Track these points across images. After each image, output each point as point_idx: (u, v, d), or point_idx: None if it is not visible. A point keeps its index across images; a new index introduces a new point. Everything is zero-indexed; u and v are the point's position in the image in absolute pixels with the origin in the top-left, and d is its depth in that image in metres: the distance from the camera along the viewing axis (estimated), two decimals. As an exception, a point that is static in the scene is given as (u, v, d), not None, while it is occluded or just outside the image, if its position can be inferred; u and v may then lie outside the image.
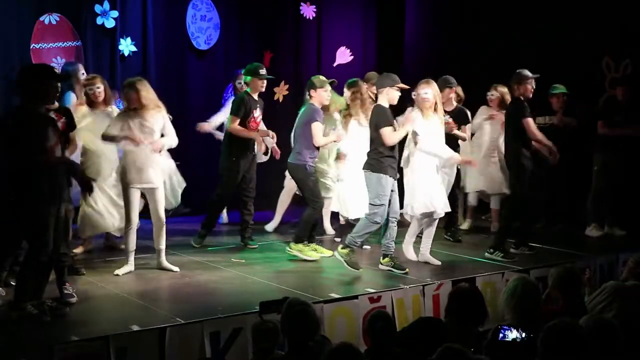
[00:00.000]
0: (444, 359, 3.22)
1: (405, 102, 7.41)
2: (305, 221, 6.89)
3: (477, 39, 9.56)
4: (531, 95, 7.00)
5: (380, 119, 6.34)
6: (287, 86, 9.94)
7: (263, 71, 7.27)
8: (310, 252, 6.87)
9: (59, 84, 5.15)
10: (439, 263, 6.70)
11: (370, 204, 6.39)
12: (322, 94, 6.85)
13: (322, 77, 6.97)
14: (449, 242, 7.65)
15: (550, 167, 7.58)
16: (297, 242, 6.88)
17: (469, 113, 7.74)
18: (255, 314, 4.77)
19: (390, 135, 6.28)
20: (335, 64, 10.41)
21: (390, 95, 6.41)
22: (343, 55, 10.50)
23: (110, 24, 8.67)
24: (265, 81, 7.30)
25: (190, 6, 9.36)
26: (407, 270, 6.37)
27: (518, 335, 3.80)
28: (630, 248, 6.73)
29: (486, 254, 6.93)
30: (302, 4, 10.26)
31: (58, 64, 8.33)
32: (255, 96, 7.29)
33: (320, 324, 4.03)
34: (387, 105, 6.43)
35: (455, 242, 7.67)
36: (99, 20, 8.62)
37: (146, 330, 4.69)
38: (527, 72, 7.00)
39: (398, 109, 7.04)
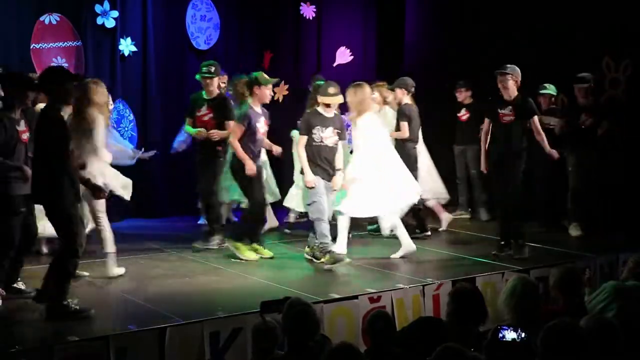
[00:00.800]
0: (442, 358, 3.22)
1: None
2: (243, 219, 6.99)
3: (477, 39, 9.55)
4: (500, 92, 6.99)
5: (300, 124, 6.82)
6: (287, 86, 9.93)
7: (205, 69, 7.16)
8: (248, 252, 6.82)
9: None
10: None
11: (306, 204, 6.73)
12: (265, 92, 6.82)
13: (266, 75, 6.90)
14: (451, 241, 7.66)
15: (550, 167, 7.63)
16: (235, 240, 6.86)
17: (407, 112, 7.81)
18: (255, 314, 4.77)
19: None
20: (335, 64, 10.41)
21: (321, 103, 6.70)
22: (343, 55, 10.51)
23: (110, 24, 8.67)
24: (209, 79, 7.08)
25: (190, 6, 9.37)
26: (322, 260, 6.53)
27: (518, 335, 3.80)
28: (630, 248, 6.72)
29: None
30: (302, 4, 10.26)
31: (58, 64, 8.34)
32: (210, 95, 7.17)
33: (320, 324, 4.03)
34: (320, 110, 6.67)
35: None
36: (99, 20, 8.62)
37: (146, 330, 4.69)
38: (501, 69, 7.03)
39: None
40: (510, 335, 3.78)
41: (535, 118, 7.06)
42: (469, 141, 8.80)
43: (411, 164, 7.56)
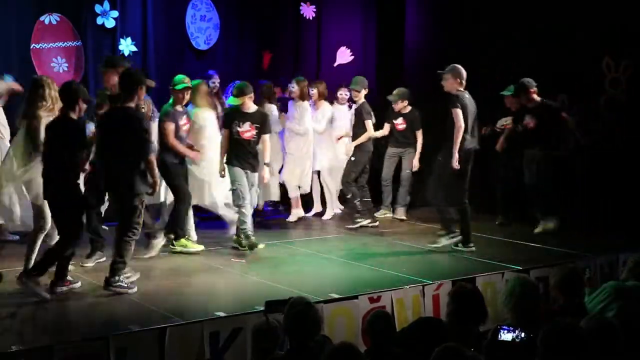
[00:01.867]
0: (442, 358, 3.22)
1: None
2: (177, 216, 7.09)
3: (477, 39, 9.55)
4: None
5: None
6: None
7: (103, 61, 6.95)
8: (194, 245, 7.09)
9: None
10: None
11: (229, 190, 7.32)
12: (179, 95, 7.10)
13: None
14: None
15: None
16: (177, 239, 7.07)
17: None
18: (255, 314, 4.79)
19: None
20: (335, 64, 10.40)
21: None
22: (343, 55, 10.50)
23: (110, 24, 8.68)
24: (104, 74, 6.73)
25: (190, 6, 9.37)
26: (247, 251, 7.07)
27: (518, 335, 3.80)
28: (630, 248, 6.73)
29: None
30: (302, 4, 10.26)
31: (58, 64, 8.36)
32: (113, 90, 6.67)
33: (321, 324, 4.02)
34: (241, 106, 7.17)
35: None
36: (99, 20, 8.63)
37: (146, 330, 4.69)
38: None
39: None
40: (510, 335, 3.79)
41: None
42: (406, 145, 9.02)
43: (364, 161, 8.37)
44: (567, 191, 8.55)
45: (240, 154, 7.15)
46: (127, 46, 8.84)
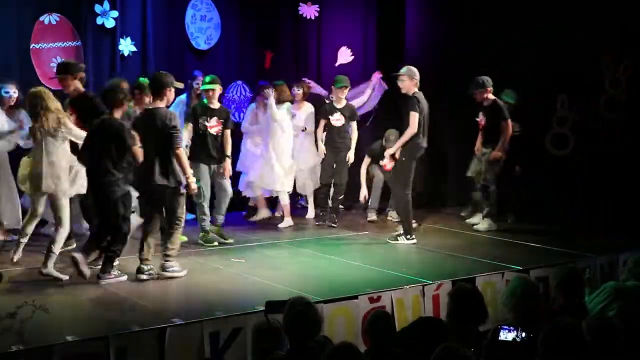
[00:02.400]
0: (442, 358, 3.22)
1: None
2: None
3: (477, 39, 9.55)
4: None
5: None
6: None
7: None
8: None
9: None
10: None
11: None
12: (145, 98, 6.91)
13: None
14: (450, 241, 7.67)
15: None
16: None
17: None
18: (254, 314, 4.79)
19: None
20: (337, 64, 10.39)
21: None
22: (344, 55, 10.49)
23: (110, 24, 8.67)
24: (62, 81, 6.70)
25: (190, 6, 9.36)
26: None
27: (518, 335, 3.80)
28: (630, 248, 6.73)
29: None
30: (301, 4, 10.25)
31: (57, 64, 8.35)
32: (69, 93, 6.73)
33: (321, 324, 4.02)
34: (208, 102, 7.48)
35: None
36: (99, 20, 8.62)
37: (146, 330, 4.69)
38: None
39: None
40: (510, 335, 3.80)
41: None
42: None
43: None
44: (567, 191, 8.57)
45: (207, 149, 7.36)
46: (126, 46, 8.84)
